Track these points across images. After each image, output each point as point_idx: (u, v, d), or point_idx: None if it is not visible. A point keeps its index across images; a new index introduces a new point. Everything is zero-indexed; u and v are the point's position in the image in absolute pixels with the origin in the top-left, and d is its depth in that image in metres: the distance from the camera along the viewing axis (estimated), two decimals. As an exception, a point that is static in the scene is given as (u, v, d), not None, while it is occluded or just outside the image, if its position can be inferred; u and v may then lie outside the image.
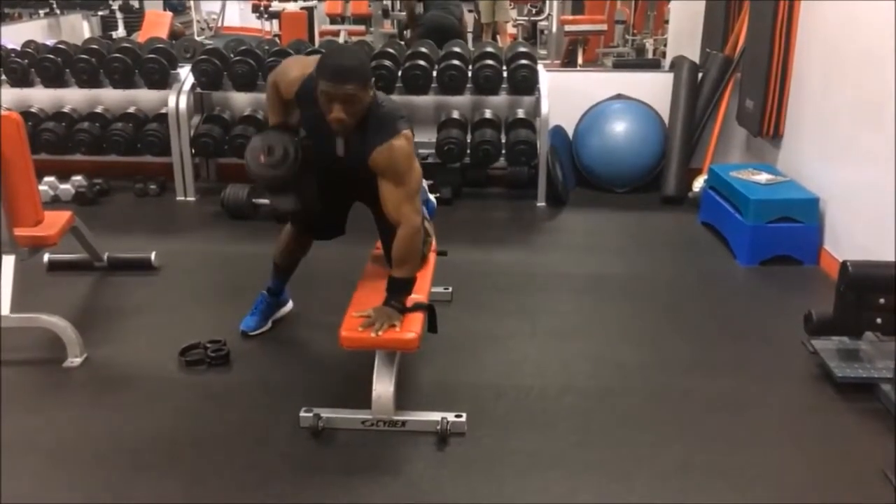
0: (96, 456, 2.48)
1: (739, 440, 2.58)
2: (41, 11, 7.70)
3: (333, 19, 10.84)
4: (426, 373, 2.95)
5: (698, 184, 4.89)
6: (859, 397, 2.79)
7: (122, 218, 4.80)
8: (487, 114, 5.08)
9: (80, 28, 7.70)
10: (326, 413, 2.59)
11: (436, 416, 2.57)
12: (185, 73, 5.04)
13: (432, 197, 3.40)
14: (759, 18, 4.55)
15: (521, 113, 5.10)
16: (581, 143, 5.32)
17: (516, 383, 2.91)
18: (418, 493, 2.33)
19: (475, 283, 3.74)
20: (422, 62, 4.91)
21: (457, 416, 2.59)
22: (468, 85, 4.95)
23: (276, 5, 10.01)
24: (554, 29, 8.98)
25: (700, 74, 5.25)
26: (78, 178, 4.99)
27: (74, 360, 3.00)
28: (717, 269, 4.03)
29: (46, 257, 3.82)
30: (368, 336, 2.47)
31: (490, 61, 4.92)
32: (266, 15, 10.12)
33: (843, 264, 2.87)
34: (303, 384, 2.89)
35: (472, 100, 5.19)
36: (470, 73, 4.93)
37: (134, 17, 8.51)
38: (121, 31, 8.01)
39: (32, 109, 5.15)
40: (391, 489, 2.34)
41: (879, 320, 2.82)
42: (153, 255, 3.90)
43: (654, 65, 6.91)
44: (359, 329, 2.50)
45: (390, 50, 5.11)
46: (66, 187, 4.96)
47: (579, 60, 8.08)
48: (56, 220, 3.30)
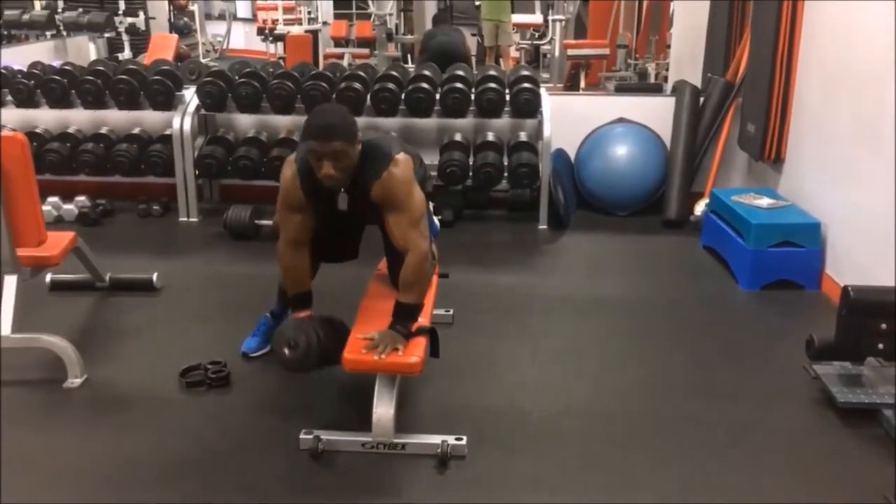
0: (96, 476, 2.47)
1: (740, 464, 2.57)
2: (48, 33, 7.75)
3: (338, 42, 10.94)
4: (427, 395, 2.94)
5: (700, 208, 4.90)
6: (861, 422, 2.77)
7: (124, 238, 4.82)
8: (490, 136, 5.10)
9: (86, 50, 7.75)
10: (326, 435, 2.58)
11: (436, 438, 2.56)
12: (189, 94, 5.08)
13: (436, 219, 3.40)
14: (761, 44, 4.57)
15: (523, 136, 5.12)
16: (583, 166, 5.34)
17: (517, 406, 2.90)
18: (418, 516, 2.32)
19: (476, 305, 3.74)
20: (425, 85, 4.94)
21: (457, 438, 2.58)
22: (471, 108, 4.98)
23: (281, 28, 10.12)
24: (556, 53, 9.06)
25: (702, 99, 5.28)
26: (81, 198, 5.01)
27: (75, 381, 3.00)
28: (718, 292, 4.03)
29: (49, 277, 3.83)
30: (371, 359, 2.48)
31: (493, 84, 4.96)
32: (271, 38, 10.22)
33: (845, 289, 2.87)
34: (303, 406, 2.88)
35: (474, 122, 5.21)
36: (473, 96, 4.96)
37: (140, 39, 8.58)
38: (127, 53, 8.07)
39: (38, 130, 5.19)
40: (391, 512, 2.33)
41: (881, 345, 2.82)
42: (155, 276, 3.90)
43: (656, 89, 6.97)
44: (362, 351, 2.50)
45: (394, 73, 5.15)
46: (70, 207, 4.98)
47: (581, 84, 8.15)
48: (59, 241, 3.31)
